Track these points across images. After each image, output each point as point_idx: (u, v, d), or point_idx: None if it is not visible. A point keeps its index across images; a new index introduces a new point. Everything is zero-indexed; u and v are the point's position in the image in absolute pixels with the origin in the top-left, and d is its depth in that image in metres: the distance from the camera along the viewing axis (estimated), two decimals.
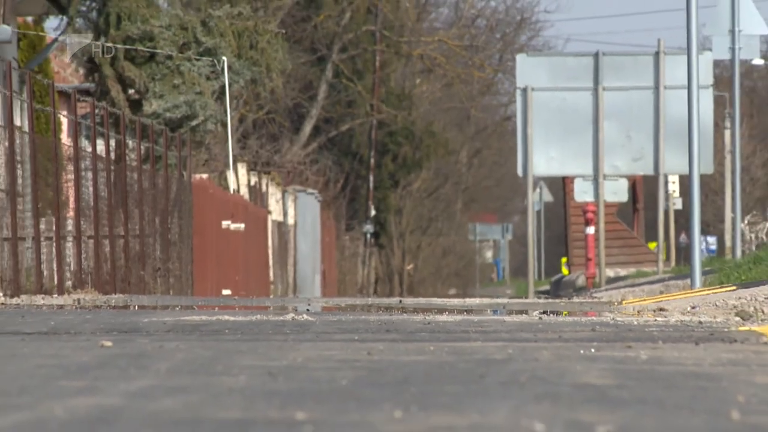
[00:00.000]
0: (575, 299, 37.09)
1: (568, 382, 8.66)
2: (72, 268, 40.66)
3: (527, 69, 41.13)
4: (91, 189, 43.08)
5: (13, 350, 11.86)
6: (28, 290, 35.01)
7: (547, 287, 68.00)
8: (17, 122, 35.80)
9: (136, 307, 26.92)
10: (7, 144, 34.59)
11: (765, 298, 21.18)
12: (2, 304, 30.03)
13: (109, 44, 56.38)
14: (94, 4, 57.69)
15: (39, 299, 33.14)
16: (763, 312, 19.23)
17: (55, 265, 39.16)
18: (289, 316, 20.53)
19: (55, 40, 50.34)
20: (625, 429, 6.34)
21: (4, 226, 34.35)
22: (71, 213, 41.64)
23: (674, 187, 66.83)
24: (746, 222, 67.16)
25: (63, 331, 14.90)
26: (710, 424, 6.66)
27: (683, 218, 65.02)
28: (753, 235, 73.87)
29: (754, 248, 55.89)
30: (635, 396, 7.88)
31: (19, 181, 35.86)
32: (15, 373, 9.60)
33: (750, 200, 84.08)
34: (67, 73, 59.51)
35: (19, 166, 35.62)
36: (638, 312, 22.57)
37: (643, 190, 77.87)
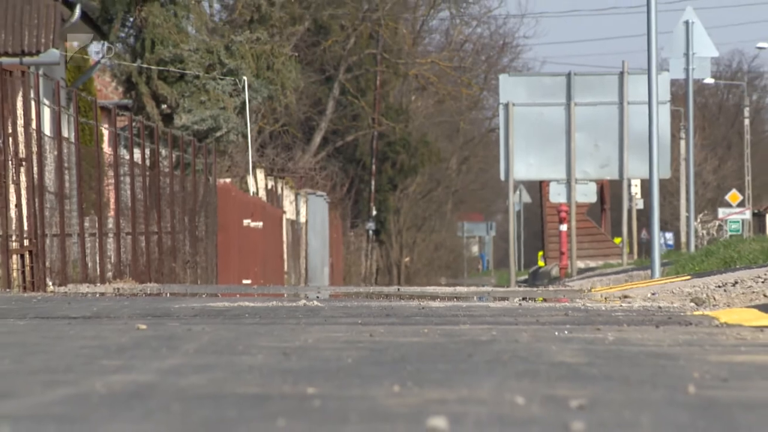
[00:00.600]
0: (550, 288, 36.95)
1: (545, 361, 8.61)
2: (112, 261, 40.57)
3: (509, 87, 41.00)
4: (128, 192, 43.01)
5: (60, 333, 11.79)
6: (74, 280, 34.89)
7: (525, 277, 67.87)
8: (65, 134, 35.69)
9: (168, 295, 26.82)
10: (56, 153, 34.49)
11: (716, 286, 21.09)
12: (52, 292, 29.92)
13: (145, 66, 56.29)
14: (131, 31, 57.59)
15: (83, 288, 33.01)
16: (714, 298, 19.15)
17: (97, 258, 39.06)
18: (301, 303, 20.43)
19: (98, 62, 50.15)
20: (595, 402, 6.30)
21: (54, 224, 34.22)
22: (112, 213, 41.56)
23: (636, 189, 66.74)
24: (699, 220, 66.99)
25: (104, 315, 14.86)
26: (669, 398, 6.61)
27: (644, 217, 64.88)
28: (705, 232, 73.89)
29: (705, 243, 55.76)
30: (604, 373, 7.84)
31: (67, 184, 35.75)
32: (61, 353, 9.55)
33: (702, 201, 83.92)
34: (108, 90, 59.38)
35: (66, 171, 35.52)
36: (605, 298, 22.50)
37: (610, 192, 77.73)
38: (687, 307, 17.59)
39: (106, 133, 42.19)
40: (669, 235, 77.71)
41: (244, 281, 48.58)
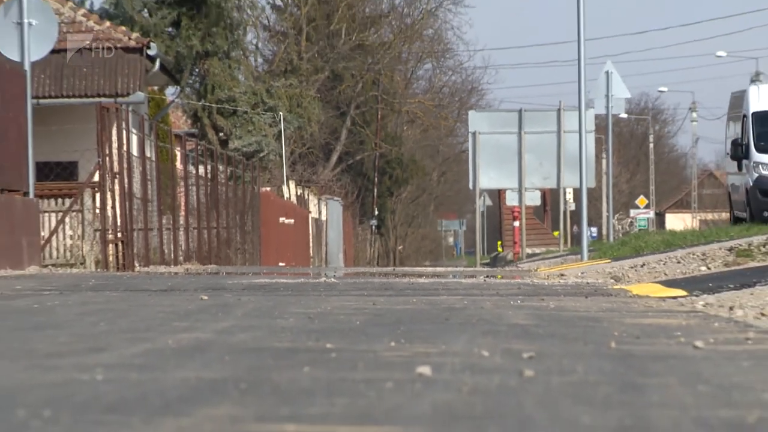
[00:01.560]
0: (506, 268, 36.82)
1: (504, 323, 8.54)
2: (182, 248, 40.48)
3: (475, 120, 40.86)
4: (194, 197, 42.96)
5: (143, 302, 11.71)
6: (154, 262, 34.80)
7: (488, 260, 67.55)
8: (147, 154, 35.61)
9: (224, 274, 26.72)
10: (141, 168, 34.45)
11: (629, 267, 21.02)
12: (138, 271, 29.83)
13: (207, 104, 56.22)
14: (197, 78, 57.58)
15: (161, 268, 32.92)
16: (628, 276, 19.07)
17: (171, 246, 39.00)
18: (322, 280, 20.34)
19: (172, 101, 50.14)
20: (541, 354, 6.22)
21: (139, 221, 34.16)
22: (182, 212, 41.49)
23: (570, 195, 66.50)
24: (616, 218, 66.89)
25: (176, 289, 14.82)
26: (596, 351, 6.55)
27: (576, 215, 64.73)
28: (620, 227, 74.01)
29: (620, 235, 55.76)
30: (547, 332, 7.77)
31: (149, 192, 35.67)
32: (144, 317, 9.50)
33: (618, 204, 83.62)
34: (180, 122, 59.33)
35: (148, 182, 35.47)
36: (547, 276, 22.40)
37: (550, 197, 77.85)
38: (608, 283, 17.52)
39: (178, 154, 42.09)
40: (594, 229, 77.31)
41: (280, 263, 48.46)
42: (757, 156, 30.49)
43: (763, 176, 30.16)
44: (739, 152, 31.44)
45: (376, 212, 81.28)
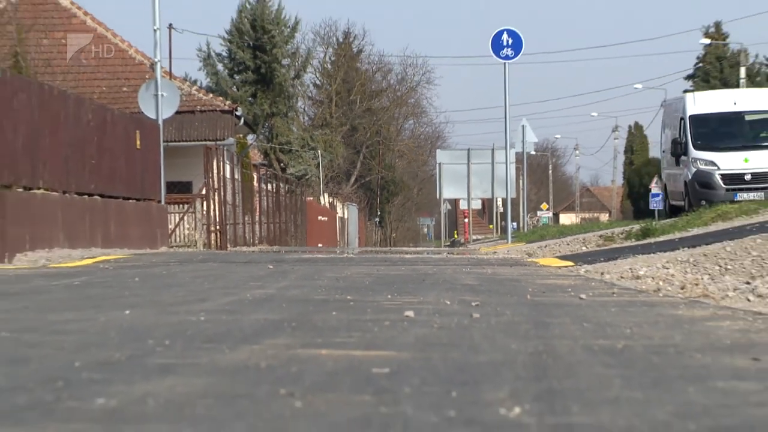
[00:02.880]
0: (460, 248, 36.82)
1: (459, 283, 8.46)
2: (257, 235, 40.45)
3: (441, 155, 40.68)
4: (265, 203, 42.98)
5: (232, 270, 11.64)
6: (239, 244, 34.74)
7: (448, 243, 67.59)
8: (236, 177, 35.68)
9: (283, 252, 26.62)
10: (231, 186, 34.45)
11: (537, 247, 20.92)
12: (229, 250, 29.73)
13: (272, 145, 56.35)
14: (266, 129, 57.74)
15: (244, 248, 32.84)
16: (537, 253, 18.95)
17: (250, 234, 38.98)
18: (345, 255, 20.28)
19: (251, 143, 50.02)
20: (483, 303, 6.15)
21: (230, 218, 34.15)
22: (257, 213, 41.48)
23: (499, 202, 66.83)
24: (528, 217, 67.16)
25: (252, 261, 14.79)
26: (518, 301, 6.47)
27: (503, 215, 65.04)
28: (531, 223, 74.13)
29: (531, 228, 55.88)
30: (487, 288, 7.69)
31: (236, 200, 35.73)
32: (232, 279, 9.42)
33: (529, 208, 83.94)
34: (256, 157, 59.42)
35: (236, 194, 35.54)
36: (486, 253, 22.29)
37: (487, 204, 78.21)
38: (524, 257, 17.48)
39: (255, 176, 42.18)
40: (515, 224, 77.47)
41: (318, 245, 48.44)
42: (694, 153, 25.72)
43: (701, 170, 25.49)
44: (678, 150, 26.47)
45: (378, 213, 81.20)
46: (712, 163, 25.50)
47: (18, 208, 15.60)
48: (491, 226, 69.41)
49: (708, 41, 67.86)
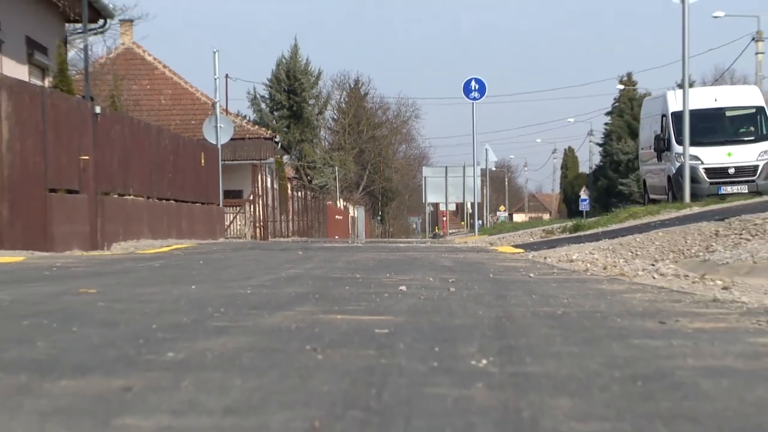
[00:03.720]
0: (440, 239, 36.81)
1: (439, 265, 8.41)
2: (290, 229, 40.35)
3: (426, 171, 40.62)
4: (297, 206, 42.91)
5: (272, 255, 11.59)
6: (278, 236, 34.65)
7: (431, 236, 67.57)
8: (275, 186, 35.62)
9: (309, 242, 26.57)
10: (271, 193, 34.38)
11: (497, 238, 20.85)
12: (270, 241, 29.64)
13: (301, 163, 56.26)
14: (297, 152, 57.74)
15: (280, 239, 32.77)
16: (497, 243, 18.86)
17: (285, 228, 38.88)
18: (355, 245, 20.20)
19: (286, 162, 49.95)
20: (457, 279, 6.09)
21: (271, 217, 34.07)
22: (291, 213, 41.40)
23: (469, 205, 66.79)
24: (490, 216, 67.16)
25: (287, 249, 14.71)
26: (483, 278, 6.41)
27: (471, 215, 65.09)
28: (492, 221, 74.03)
29: (492, 224, 55.76)
30: (460, 269, 7.62)
31: (275, 203, 35.65)
32: (272, 262, 9.36)
33: (490, 209, 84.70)
34: (290, 172, 59.48)
35: (275, 199, 35.48)
36: (459, 243, 22.23)
37: (460, 206, 78.24)
38: (487, 246, 17.42)
39: (289, 186, 42.11)
40: (480, 221, 77.74)
41: (336, 237, 48.45)
42: (678, 148, 20.71)
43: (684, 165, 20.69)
44: (661, 145, 21.49)
45: (380, 213, 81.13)
46: (696, 158, 20.75)
47: (114, 209, 15.59)
48: (463, 222, 69.40)
49: (622, 87, 68.25)
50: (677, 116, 21.10)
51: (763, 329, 3.38)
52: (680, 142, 20.66)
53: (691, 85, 23.11)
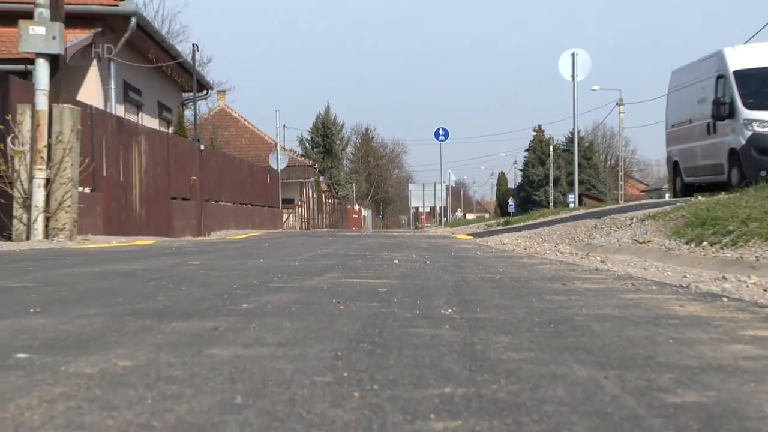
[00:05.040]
0: (419, 231, 36.68)
1: (419, 246, 8.30)
2: (324, 223, 40.16)
3: (411, 186, 40.50)
4: (328, 209, 42.70)
5: (311, 241, 11.48)
6: (317, 227, 34.48)
7: (414, 228, 67.82)
8: (315, 196, 35.43)
9: (336, 232, 26.45)
10: (314, 200, 34.15)
11: (456, 230, 20.69)
12: (311, 231, 29.53)
13: (331, 181, 55.97)
14: (329, 174, 57.54)
15: (318, 230, 32.63)
16: (457, 232, 18.67)
17: (321, 223, 38.67)
18: (365, 234, 20.07)
19: (321, 181, 49.61)
20: (431, 256, 5.98)
21: (312, 215, 33.83)
22: (324, 213, 41.18)
23: (438, 208, 66.33)
24: (452, 215, 66.85)
25: (322, 236, 14.63)
26: (447, 255, 6.31)
27: (440, 215, 64.81)
28: (453, 218, 73.34)
29: (453, 220, 55.70)
30: (432, 249, 7.46)
31: (315, 207, 35.45)
32: (311, 244, 9.25)
33: (452, 211, 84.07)
34: (324, 187, 59.24)
35: (315, 204, 35.23)
36: (431, 233, 22.07)
37: (433, 209, 77.38)
38: (450, 235, 17.29)
39: (323, 196, 41.95)
40: (445, 219, 78.19)
41: (353, 229, 48.32)
42: (747, 113, 10.56)
43: (758, 134, 10.45)
44: (722, 111, 10.90)
45: (381, 213, 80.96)
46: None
47: (212, 210, 15.55)
48: (434, 219, 69.35)
49: (534, 133, 68.29)
50: (743, 75, 11.28)
51: (629, 288, 3.32)
52: (750, 106, 10.94)
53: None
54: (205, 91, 19.39)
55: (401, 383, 1.36)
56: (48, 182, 6.73)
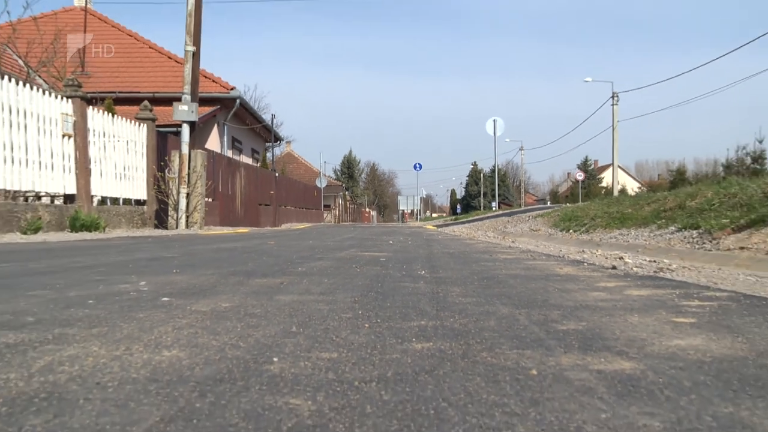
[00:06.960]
0: (404, 225, 36.12)
1: (403, 234, 8.19)
2: (348, 220, 39.40)
3: (400, 197, 39.86)
4: (351, 211, 42.08)
5: (341, 230, 11.34)
6: (341, 222, 33.72)
7: (401, 223, 66.83)
8: (342, 203, 34.57)
9: (356, 224, 26.17)
10: (342, 206, 33.48)
11: (426, 224, 20.24)
12: (340, 224, 28.71)
13: (351, 195, 54.89)
14: (350, 191, 55.34)
15: (344, 224, 31.92)
16: (426, 225, 17.89)
17: (347, 220, 37.99)
18: (372, 226, 19.57)
19: (347, 194, 47.67)
20: (412, 239, 5.87)
21: (343, 216, 33.39)
22: (348, 213, 40.50)
23: (416, 210, 64.77)
24: (424, 215, 65.41)
25: (347, 228, 14.22)
26: (422, 239, 6.17)
27: (419, 215, 62.98)
28: (424, 217, 71.73)
29: (424, 218, 53.67)
30: (412, 235, 7.21)
31: (342, 209, 34.94)
32: (340, 232, 9.10)
33: (423, 212, 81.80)
34: (348, 198, 58.24)
35: (342, 208, 34.51)
36: (411, 225, 21.59)
37: (414, 211, 75.43)
38: (423, 227, 16.83)
39: (348, 203, 41.27)
40: (420, 217, 76.29)
41: (366, 222, 47.80)
42: None
43: None
44: None
45: (382, 213, 79.98)
46: None
47: (282, 212, 15.89)
48: (413, 217, 68.52)
49: (471, 166, 67.98)
50: None
51: (529, 258, 3.32)
52: None
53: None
54: (278, 141, 20.63)
55: (394, 318, 1.44)
56: (188, 195, 7.87)
